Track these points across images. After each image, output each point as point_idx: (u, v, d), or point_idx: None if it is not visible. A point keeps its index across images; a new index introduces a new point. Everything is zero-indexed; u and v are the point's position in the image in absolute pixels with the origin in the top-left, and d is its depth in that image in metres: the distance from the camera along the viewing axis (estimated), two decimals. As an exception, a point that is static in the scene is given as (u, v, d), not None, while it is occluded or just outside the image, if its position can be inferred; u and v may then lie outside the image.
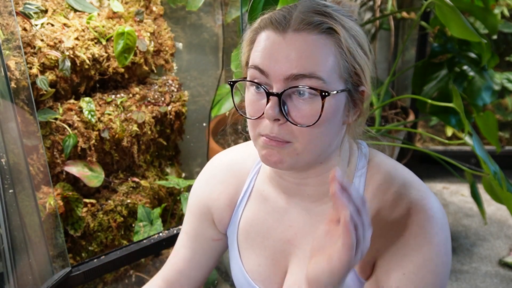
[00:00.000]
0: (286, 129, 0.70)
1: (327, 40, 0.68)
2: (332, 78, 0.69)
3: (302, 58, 0.67)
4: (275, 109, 0.68)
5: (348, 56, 0.69)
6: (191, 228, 0.95)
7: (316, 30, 0.68)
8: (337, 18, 0.70)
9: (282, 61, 0.68)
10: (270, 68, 0.69)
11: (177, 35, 1.88)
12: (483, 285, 1.96)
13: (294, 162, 0.73)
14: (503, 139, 2.86)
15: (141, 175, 1.67)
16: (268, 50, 0.69)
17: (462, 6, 1.73)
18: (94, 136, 1.47)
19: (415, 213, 0.73)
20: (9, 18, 1.19)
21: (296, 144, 0.71)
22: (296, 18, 0.69)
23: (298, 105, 0.69)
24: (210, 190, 0.92)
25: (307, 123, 0.69)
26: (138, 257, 1.40)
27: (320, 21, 0.68)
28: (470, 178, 1.85)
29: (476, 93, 1.87)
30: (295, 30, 0.68)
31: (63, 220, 1.42)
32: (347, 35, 0.70)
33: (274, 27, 0.70)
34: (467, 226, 2.36)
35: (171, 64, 1.78)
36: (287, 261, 0.85)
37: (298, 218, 0.84)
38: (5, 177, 1.09)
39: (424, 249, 0.72)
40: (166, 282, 0.96)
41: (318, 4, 0.72)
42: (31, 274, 1.14)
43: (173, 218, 1.75)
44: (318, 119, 0.68)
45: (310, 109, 0.68)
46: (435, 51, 1.96)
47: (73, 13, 1.49)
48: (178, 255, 0.96)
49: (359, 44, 0.71)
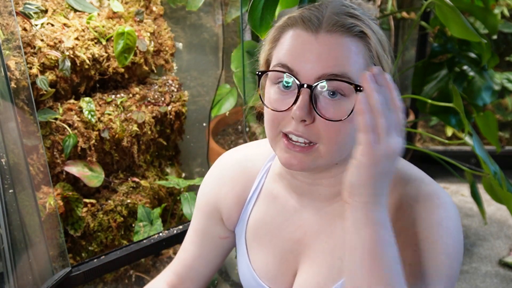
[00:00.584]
0: (312, 130, 0.70)
1: (358, 43, 0.69)
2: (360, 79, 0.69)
3: (334, 59, 0.68)
4: (304, 109, 0.67)
5: (376, 60, 0.71)
6: (199, 225, 0.96)
7: (348, 33, 0.69)
8: (366, 21, 0.71)
9: (313, 61, 0.68)
10: (300, 67, 0.69)
11: (177, 35, 1.88)
12: (483, 285, 1.96)
13: (316, 165, 0.73)
14: (503, 139, 2.86)
15: (141, 175, 1.67)
16: (298, 49, 0.69)
17: (462, 6, 1.73)
18: (94, 136, 1.47)
19: (424, 201, 0.74)
20: (9, 18, 1.19)
21: (320, 146, 0.71)
22: (329, 19, 0.69)
23: (326, 106, 0.69)
24: (219, 187, 0.92)
25: (339, 117, 0.68)
26: (138, 257, 1.40)
27: (353, 24, 0.69)
28: (470, 178, 1.85)
29: (476, 93, 1.87)
30: (328, 31, 0.68)
31: (63, 220, 1.42)
32: (375, 39, 0.71)
33: (306, 26, 0.69)
34: (467, 226, 2.36)
35: (171, 64, 1.78)
36: (297, 261, 0.85)
37: (309, 217, 0.83)
38: (5, 177, 1.09)
39: (434, 229, 0.72)
40: (177, 276, 0.97)
41: (347, 7, 0.72)
42: (31, 274, 1.14)
43: (173, 218, 1.75)
44: (350, 113, 0.67)
45: (339, 108, 0.68)
46: (435, 51, 1.96)
47: (73, 13, 1.49)
48: (187, 251, 0.97)
49: (384, 48, 0.73)
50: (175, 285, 0.97)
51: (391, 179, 0.67)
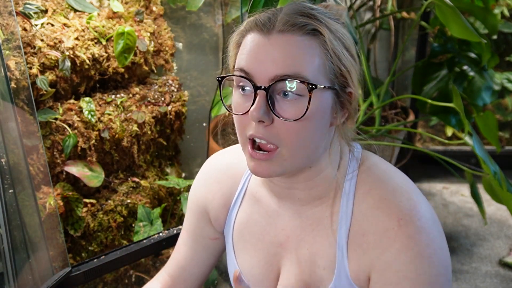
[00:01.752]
0: (272, 131, 0.70)
1: (311, 41, 0.69)
2: (318, 78, 0.69)
3: (287, 59, 0.68)
4: (260, 110, 0.68)
5: (333, 58, 0.70)
6: (190, 226, 0.98)
7: (300, 32, 0.68)
8: (323, 20, 0.70)
9: (267, 62, 0.68)
10: (255, 70, 0.69)
11: (177, 35, 1.88)
12: (483, 285, 1.96)
13: (282, 170, 0.73)
14: (503, 139, 2.86)
15: (141, 175, 1.67)
16: (253, 52, 0.70)
17: (462, 6, 1.73)
18: (94, 136, 1.47)
19: (405, 225, 0.72)
20: (9, 18, 1.19)
21: (282, 150, 0.71)
22: (281, 19, 0.69)
23: (283, 106, 0.69)
24: (206, 190, 0.93)
25: (296, 117, 0.68)
26: (138, 257, 1.40)
27: (305, 23, 0.69)
28: (470, 178, 1.85)
29: (476, 93, 1.87)
30: (280, 32, 0.68)
31: (63, 220, 1.42)
32: (333, 37, 0.70)
33: (259, 29, 0.70)
34: (467, 226, 2.36)
35: (171, 64, 1.78)
36: (280, 264, 0.86)
37: (290, 221, 0.84)
38: (5, 177, 1.09)
39: (416, 263, 0.71)
40: (170, 277, 0.99)
41: (304, 7, 0.72)
42: (31, 274, 1.14)
43: (173, 218, 1.75)
44: (305, 113, 0.68)
45: (296, 108, 0.68)
46: (435, 51, 1.96)
47: (73, 13, 1.49)
48: (180, 253, 0.99)
49: (345, 46, 0.71)
50: (169, 286, 0.98)
51: None
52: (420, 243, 0.71)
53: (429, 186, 2.71)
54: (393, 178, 0.78)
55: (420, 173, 2.80)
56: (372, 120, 2.19)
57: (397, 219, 0.73)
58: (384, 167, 0.80)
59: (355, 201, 0.77)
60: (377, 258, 0.74)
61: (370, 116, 2.02)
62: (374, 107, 1.75)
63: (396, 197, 0.75)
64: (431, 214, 0.75)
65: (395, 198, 0.74)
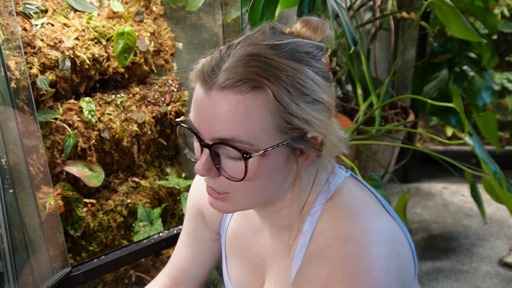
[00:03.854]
0: (221, 183, 0.69)
1: (253, 100, 0.63)
2: (261, 138, 0.65)
3: (224, 122, 0.64)
4: (205, 167, 0.67)
5: (281, 113, 0.64)
6: (189, 228, 0.98)
7: (241, 89, 0.63)
8: (272, 68, 0.64)
9: (207, 122, 0.66)
10: (199, 126, 0.67)
11: (177, 35, 1.88)
12: (483, 285, 1.96)
13: (238, 209, 0.73)
14: (503, 139, 2.86)
15: (141, 175, 1.67)
16: (197, 107, 0.67)
17: (462, 6, 1.73)
18: (94, 136, 1.47)
19: (334, 279, 0.65)
20: (9, 18, 1.19)
21: (235, 196, 0.70)
22: (223, 74, 0.64)
23: (227, 164, 0.67)
24: (203, 193, 0.93)
25: (237, 179, 0.67)
26: (138, 257, 1.40)
27: (245, 80, 0.63)
28: (470, 178, 1.85)
29: (476, 93, 1.87)
30: (220, 89, 0.64)
31: (63, 220, 1.42)
32: (281, 90, 0.63)
33: (202, 81, 0.66)
34: (467, 226, 2.36)
35: (171, 64, 1.78)
36: (264, 275, 0.86)
37: (268, 240, 0.84)
38: (5, 177, 1.09)
39: None
40: (170, 279, 0.99)
41: (254, 54, 0.65)
42: (31, 274, 1.14)
43: (173, 218, 1.75)
44: (244, 177, 0.66)
45: (237, 167, 0.66)
46: (435, 51, 1.96)
47: (73, 13, 1.49)
48: (180, 254, 0.99)
49: (301, 93, 0.65)
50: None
51: None
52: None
53: (429, 186, 2.71)
54: (354, 223, 0.69)
55: (420, 173, 2.80)
56: (372, 120, 2.19)
57: (328, 271, 0.66)
58: (351, 207, 0.73)
59: (311, 239, 0.73)
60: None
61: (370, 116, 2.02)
62: (374, 107, 1.75)
63: (343, 247, 0.67)
64: (385, 275, 0.65)
65: (340, 248, 0.67)
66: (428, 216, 2.45)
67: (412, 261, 0.74)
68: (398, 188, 2.54)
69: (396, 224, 0.74)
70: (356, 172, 1.48)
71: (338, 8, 1.24)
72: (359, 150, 2.13)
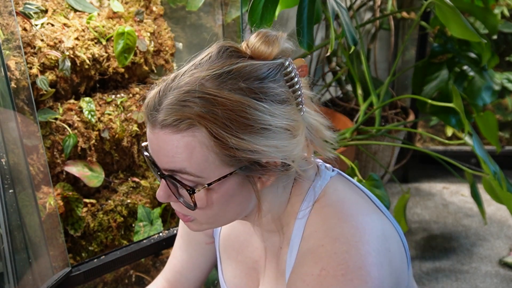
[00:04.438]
0: (182, 207, 0.71)
1: (191, 138, 0.64)
2: (208, 169, 0.65)
3: (168, 157, 0.66)
4: (164, 194, 0.70)
5: (220, 148, 0.64)
6: (184, 232, 0.99)
7: (179, 128, 0.64)
8: (208, 105, 0.63)
9: (156, 155, 0.68)
10: (154, 156, 0.70)
11: (177, 35, 1.88)
12: (483, 285, 1.96)
13: (204, 229, 0.75)
14: (503, 139, 2.86)
15: (141, 175, 1.67)
16: (148, 141, 0.70)
17: (462, 6, 1.73)
18: (94, 136, 1.47)
19: (325, 277, 0.65)
20: (9, 18, 1.19)
21: (197, 219, 0.72)
22: (162, 113, 0.65)
23: (182, 192, 0.70)
24: None
25: (190, 208, 0.68)
26: (138, 257, 1.40)
27: (181, 120, 0.63)
28: (470, 178, 1.85)
29: (476, 93, 1.87)
30: (161, 127, 0.65)
31: (63, 220, 1.42)
32: (217, 126, 0.63)
33: (147, 117, 0.68)
34: (467, 226, 2.36)
35: (171, 64, 1.78)
36: (259, 277, 0.87)
37: (260, 243, 0.85)
38: (5, 177, 1.09)
39: None
40: (168, 282, 0.99)
41: (192, 87, 0.64)
42: (31, 274, 1.14)
43: (173, 218, 1.75)
44: (194, 208, 0.68)
45: (189, 197, 0.68)
46: (435, 51, 1.96)
47: (73, 13, 1.49)
48: (176, 257, 0.99)
49: (242, 125, 0.63)
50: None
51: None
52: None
53: (429, 186, 2.71)
54: (343, 222, 0.70)
55: (420, 173, 2.80)
56: (372, 120, 2.19)
57: (320, 268, 0.67)
58: (339, 207, 0.73)
59: (302, 241, 0.73)
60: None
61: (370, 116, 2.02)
62: (374, 107, 1.75)
63: (334, 246, 0.67)
64: (376, 270, 0.65)
65: (332, 246, 0.68)
66: (428, 216, 2.45)
67: (405, 257, 0.74)
68: (398, 188, 2.54)
69: (386, 220, 0.74)
70: (356, 172, 1.48)
71: (338, 8, 1.24)
72: (359, 150, 2.13)
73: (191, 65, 0.69)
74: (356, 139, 1.78)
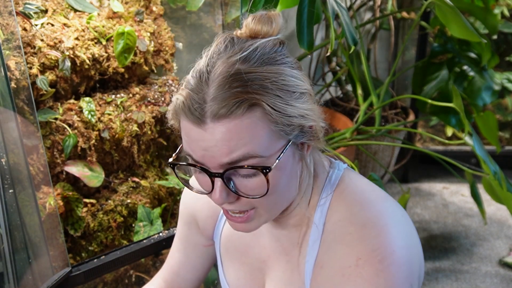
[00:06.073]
0: (241, 203, 0.69)
1: (250, 118, 0.63)
2: (270, 146, 0.65)
3: (230, 146, 0.63)
4: (221, 196, 0.66)
5: (281, 119, 0.65)
6: (182, 234, 0.98)
7: (236, 114, 0.62)
8: (256, 81, 0.63)
9: (211, 152, 0.64)
10: (204, 159, 0.66)
11: (177, 35, 1.88)
12: (483, 285, 1.97)
13: (261, 224, 0.73)
14: (503, 139, 2.86)
15: (141, 175, 1.67)
16: (195, 142, 0.66)
17: (462, 6, 1.73)
18: (94, 136, 1.47)
19: (362, 265, 0.66)
20: (9, 18, 1.19)
21: (258, 210, 0.70)
22: (212, 105, 0.63)
23: (244, 182, 0.67)
24: (196, 199, 0.93)
25: (260, 194, 0.66)
26: (138, 257, 1.40)
27: (238, 102, 0.62)
28: (470, 178, 1.85)
29: (476, 93, 1.87)
30: (215, 119, 0.63)
31: (63, 220, 1.42)
32: (272, 98, 0.64)
33: (190, 119, 0.64)
34: (467, 226, 2.36)
35: (171, 64, 1.78)
36: (264, 278, 0.86)
37: (270, 242, 0.84)
38: (5, 177, 1.09)
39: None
40: (165, 283, 0.99)
41: (232, 71, 0.64)
42: (31, 274, 1.14)
43: (173, 218, 1.75)
44: (267, 192, 0.66)
45: (257, 183, 0.66)
46: (435, 51, 1.96)
47: (73, 13, 1.49)
48: (173, 259, 0.99)
49: (289, 93, 0.66)
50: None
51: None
52: (378, 286, 0.65)
53: (429, 186, 2.71)
54: (367, 208, 0.71)
55: (420, 173, 2.80)
56: (372, 120, 2.19)
57: (356, 258, 0.67)
58: (362, 195, 0.74)
59: (324, 230, 0.73)
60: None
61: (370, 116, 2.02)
62: (374, 107, 1.75)
63: (363, 232, 0.68)
64: (406, 252, 0.67)
65: (360, 233, 0.69)
66: (428, 216, 2.45)
67: (420, 246, 0.76)
68: (398, 188, 2.54)
69: (402, 208, 0.76)
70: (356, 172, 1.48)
71: (338, 8, 1.24)
72: (359, 150, 2.13)
73: (209, 58, 0.67)
74: (356, 139, 1.78)
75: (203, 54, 0.70)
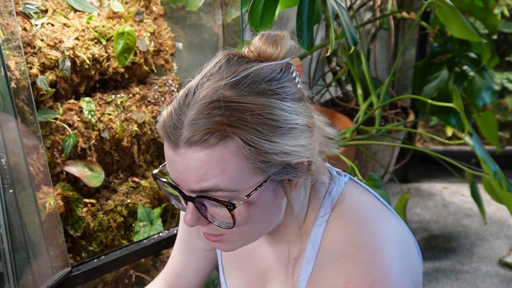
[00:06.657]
0: (213, 227, 0.67)
1: (222, 150, 0.60)
2: (241, 181, 0.62)
3: (200, 175, 0.61)
4: (192, 218, 0.65)
5: (256, 155, 0.61)
6: (183, 237, 0.97)
7: (209, 143, 0.60)
8: (236, 112, 0.60)
9: (183, 176, 0.63)
10: (178, 181, 0.65)
11: (177, 35, 1.88)
12: (483, 285, 1.97)
13: (238, 247, 0.72)
14: (503, 139, 2.86)
15: (141, 175, 1.67)
16: (170, 163, 0.65)
17: (462, 6, 1.73)
18: (94, 136, 1.47)
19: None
20: (9, 18, 1.19)
21: (229, 236, 0.69)
22: (186, 130, 0.61)
23: (216, 210, 0.65)
24: None
25: (228, 226, 0.65)
26: (138, 257, 1.40)
27: (211, 133, 0.60)
28: (470, 178, 1.85)
29: (476, 93, 1.87)
30: (187, 146, 0.61)
31: (63, 220, 1.42)
32: (250, 132, 0.61)
33: (167, 138, 0.63)
34: (467, 226, 2.36)
35: (171, 64, 1.78)
36: (266, 287, 0.86)
37: (269, 253, 0.83)
38: (5, 177, 1.09)
39: None
40: (166, 284, 0.99)
41: (214, 98, 0.61)
42: (31, 274, 1.14)
43: (173, 218, 1.75)
44: (233, 226, 0.64)
45: (225, 215, 0.64)
46: (435, 51, 1.96)
47: (73, 13, 1.49)
48: (175, 261, 0.99)
49: (272, 128, 0.62)
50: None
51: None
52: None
53: (429, 186, 2.71)
54: (363, 230, 0.69)
55: (420, 173, 2.80)
56: (372, 120, 2.19)
57: (345, 281, 0.66)
58: (358, 214, 0.71)
59: (320, 249, 0.72)
60: None
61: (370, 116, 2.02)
62: (374, 107, 1.75)
63: (357, 255, 0.67)
64: (400, 277, 0.66)
65: (355, 256, 0.67)
66: (428, 216, 2.45)
67: (419, 258, 0.74)
68: (398, 188, 2.54)
69: (402, 224, 0.74)
70: (356, 172, 1.48)
71: (338, 8, 1.24)
72: (359, 150, 2.13)
73: (201, 77, 0.66)
74: (356, 139, 1.78)
75: (204, 67, 0.68)
